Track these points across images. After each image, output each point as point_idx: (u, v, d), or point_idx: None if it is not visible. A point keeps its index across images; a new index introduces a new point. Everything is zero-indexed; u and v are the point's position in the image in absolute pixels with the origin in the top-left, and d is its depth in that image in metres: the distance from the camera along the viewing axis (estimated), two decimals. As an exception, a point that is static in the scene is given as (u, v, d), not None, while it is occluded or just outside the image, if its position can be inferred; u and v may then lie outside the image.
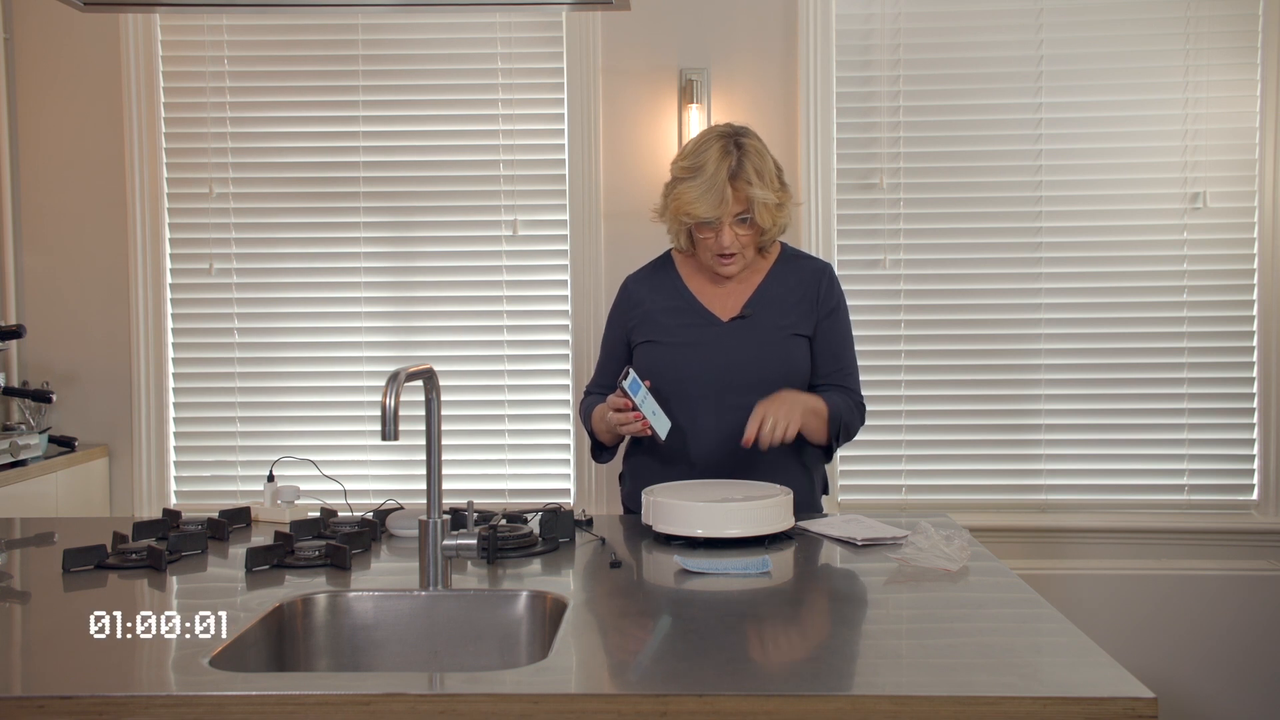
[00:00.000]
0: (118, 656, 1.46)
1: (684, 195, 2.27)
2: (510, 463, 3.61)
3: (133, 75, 3.56)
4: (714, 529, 1.99)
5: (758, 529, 2.00)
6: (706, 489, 2.13)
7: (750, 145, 2.29)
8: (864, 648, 1.48)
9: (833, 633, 1.57)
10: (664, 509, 2.04)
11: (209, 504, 3.51)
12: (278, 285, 3.62)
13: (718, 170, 2.24)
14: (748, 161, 2.26)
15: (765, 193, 2.26)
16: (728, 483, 2.19)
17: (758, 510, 2.01)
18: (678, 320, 2.36)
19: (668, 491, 2.12)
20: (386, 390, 1.68)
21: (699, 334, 2.34)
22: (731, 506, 2.00)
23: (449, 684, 1.36)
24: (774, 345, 2.32)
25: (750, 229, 2.29)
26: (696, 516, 2.00)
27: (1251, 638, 3.30)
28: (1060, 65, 3.49)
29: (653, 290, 2.43)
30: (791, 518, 2.07)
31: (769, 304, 2.36)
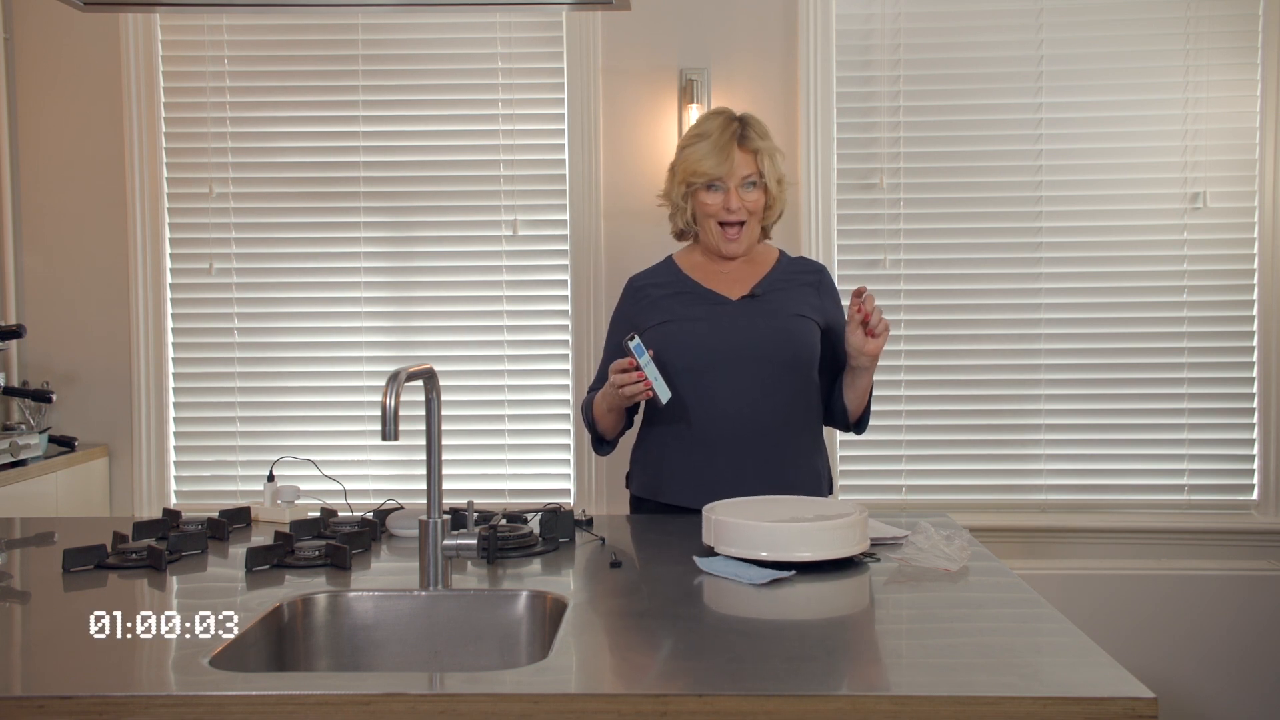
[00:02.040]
0: (118, 656, 1.46)
1: (691, 157, 2.31)
2: (510, 463, 3.61)
3: (133, 75, 3.56)
4: (783, 551, 1.82)
5: (831, 551, 1.83)
6: (772, 507, 1.98)
7: (752, 118, 2.36)
8: (864, 648, 1.48)
9: (833, 633, 1.57)
10: (727, 529, 1.87)
11: (209, 504, 3.52)
12: (278, 285, 3.62)
13: (723, 132, 2.29)
14: (752, 129, 2.32)
15: (768, 143, 2.32)
16: (795, 500, 2.06)
17: (832, 531, 1.83)
18: (686, 301, 2.37)
19: (730, 509, 1.95)
20: (386, 390, 1.68)
21: (709, 311, 2.34)
22: (804, 528, 1.83)
23: (449, 684, 1.36)
24: (785, 320, 2.32)
25: (757, 193, 2.32)
26: (764, 538, 1.83)
27: (1251, 638, 3.30)
28: (1060, 65, 3.49)
29: (656, 284, 2.43)
30: (868, 538, 1.89)
31: (776, 286, 2.37)
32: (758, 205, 2.33)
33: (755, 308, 2.33)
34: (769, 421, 2.29)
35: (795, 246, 3.53)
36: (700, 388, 2.29)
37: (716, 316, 2.33)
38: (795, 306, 2.35)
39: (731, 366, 2.28)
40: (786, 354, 2.29)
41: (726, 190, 2.30)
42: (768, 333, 2.30)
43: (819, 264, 2.51)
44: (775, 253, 2.47)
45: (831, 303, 2.42)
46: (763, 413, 2.28)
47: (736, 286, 2.38)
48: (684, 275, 2.42)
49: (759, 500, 2.05)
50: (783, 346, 2.29)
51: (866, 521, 1.89)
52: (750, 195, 2.32)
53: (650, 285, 2.44)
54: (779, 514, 1.90)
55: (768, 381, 2.28)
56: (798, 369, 2.32)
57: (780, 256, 2.47)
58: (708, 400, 2.29)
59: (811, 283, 2.42)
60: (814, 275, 2.44)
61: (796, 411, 2.33)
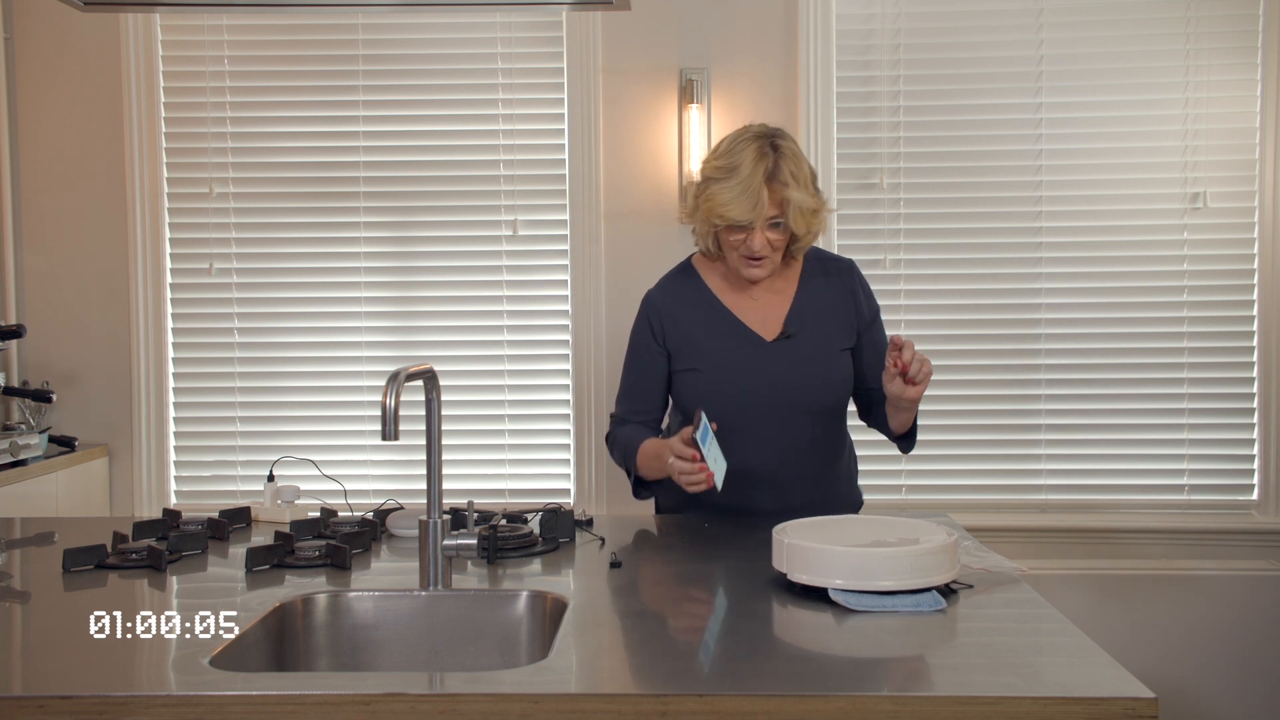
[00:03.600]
0: (118, 656, 1.46)
1: (717, 196, 2.15)
2: (510, 463, 3.61)
3: (133, 75, 3.56)
4: (863, 579, 1.65)
5: (920, 579, 1.66)
6: (850, 528, 1.84)
7: (787, 148, 2.18)
8: (864, 648, 1.48)
9: (833, 633, 1.57)
10: (800, 553, 1.70)
11: (209, 504, 3.51)
12: (278, 285, 3.62)
13: (754, 171, 2.13)
14: (784, 164, 2.15)
15: (802, 195, 2.15)
16: (875, 519, 1.92)
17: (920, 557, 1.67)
18: (719, 342, 2.26)
19: (804, 532, 1.79)
20: (387, 390, 1.68)
21: (744, 357, 2.24)
22: (890, 554, 1.67)
23: (449, 684, 1.36)
24: (821, 365, 2.25)
25: (782, 234, 2.19)
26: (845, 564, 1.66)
27: (1251, 638, 3.30)
28: (1060, 65, 3.49)
29: (682, 304, 2.31)
30: (958, 563, 1.74)
31: (810, 320, 2.27)
32: (782, 243, 2.21)
33: (791, 351, 2.24)
34: (806, 464, 2.27)
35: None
36: (732, 435, 2.20)
37: (749, 366, 2.23)
38: (831, 340, 2.27)
39: (767, 418, 2.22)
40: (827, 400, 2.26)
41: (751, 232, 2.17)
42: (806, 382, 2.23)
43: (846, 261, 2.40)
44: (800, 258, 2.35)
45: (868, 319, 2.34)
46: (800, 455, 2.25)
47: (767, 316, 2.28)
48: (712, 297, 2.30)
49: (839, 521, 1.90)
50: (821, 395, 2.24)
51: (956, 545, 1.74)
52: (776, 234, 2.18)
53: (677, 307, 2.31)
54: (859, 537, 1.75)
55: (804, 427, 2.24)
56: (835, 409, 2.29)
57: (808, 261, 2.35)
58: (740, 448, 2.18)
59: (842, 292, 2.32)
60: (844, 280, 2.34)
61: (832, 446, 2.32)
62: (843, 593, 1.64)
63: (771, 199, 2.14)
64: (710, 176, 2.19)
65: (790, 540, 1.71)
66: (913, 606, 1.61)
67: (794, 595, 1.71)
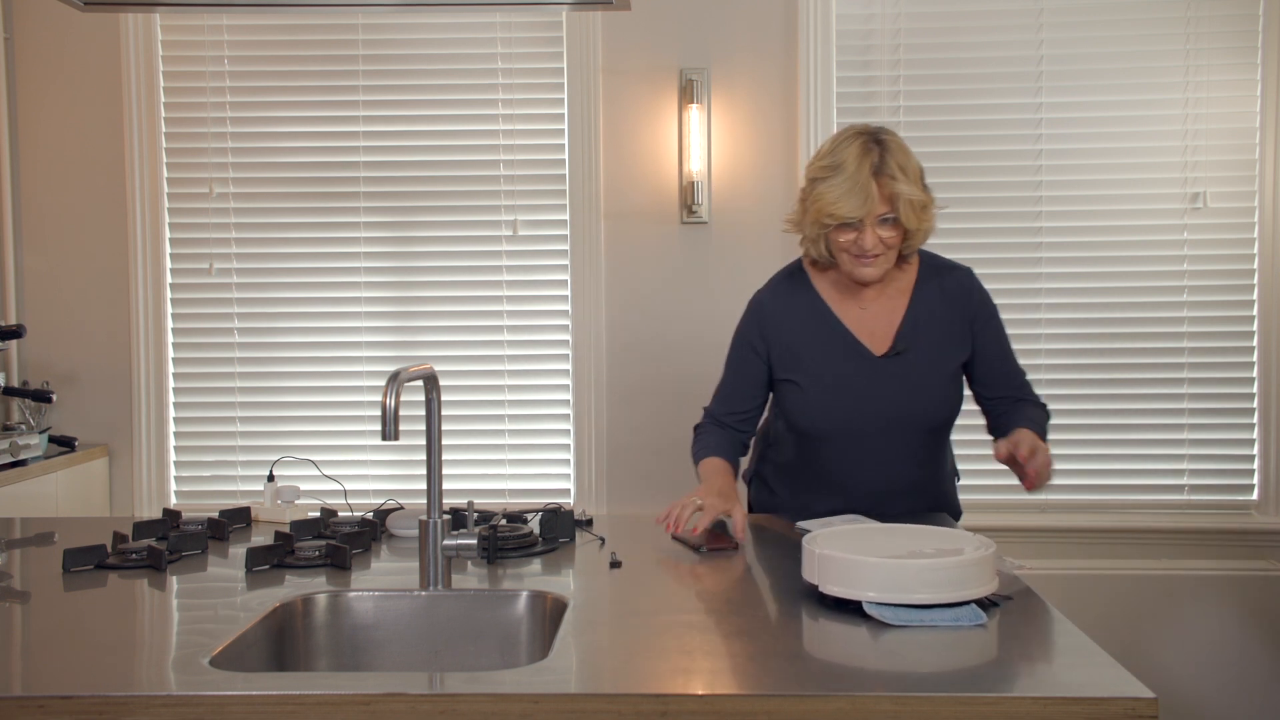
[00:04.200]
0: (118, 656, 1.46)
1: (825, 195, 2.08)
2: (510, 463, 3.61)
3: (133, 75, 3.56)
4: (896, 592, 1.57)
5: (956, 592, 1.57)
6: (884, 538, 1.75)
7: (892, 142, 2.10)
8: (864, 648, 1.48)
9: (833, 632, 1.57)
10: (832, 564, 1.62)
11: (209, 504, 3.52)
12: (278, 285, 3.62)
13: (859, 166, 2.05)
14: (891, 158, 2.07)
15: (911, 189, 2.07)
16: (910, 529, 1.83)
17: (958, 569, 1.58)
18: (824, 357, 2.19)
19: (836, 541, 1.70)
20: (387, 390, 1.68)
21: (851, 373, 2.17)
22: (924, 565, 1.58)
23: (449, 684, 1.36)
24: (932, 386, 2.17)
25: (895, 230, 2.10)
26: (878, 576, 1.58)
27: (1251, 638, 3.30)
28: (1060, 65, 3.49)
29: (792, 312, 2.24)
30: (995, 578, 1.65)
31: (922, 333, 2.18)
32: (895, 240, 2.11)
33: (899, 370, 2.16)
34: (906, 479, 2.23)
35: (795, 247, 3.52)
36: (832, 451, 2.20)
37: (857, 383, 2.17)
38: (943, 357, 2.19)
39: (870, 437, 2.17)
40: (935, 420, 2.20)
41: (862, 230, 2.09)
42: (913, 402, 2.16)
43: (963, 269, 2.27)
44: (915, 262, 2.25)
45: (982, 323, 2.22)
46: (902, 471, 2.22)
47: (877, 327, 2.20)
48: (821, 305, 2.22)
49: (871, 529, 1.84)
50: (929, 415, 2.19)
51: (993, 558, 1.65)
52: (888, 230, 2.10)
53: (784, 315, 2.24)
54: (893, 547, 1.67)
55: (909, 444, 2.20)
56: (942, 427, 2.24)
57: (921, 264, 2.25)
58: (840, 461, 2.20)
59: (957, 301, 2.21)
60: (963, 292, 2.22)
61: (936, 461, 2.28)
62: (878, 606, 1.56)
63: (881, 194, 2.06)
64: (815, 177, 2.12)
65: (822, 550, 1.63)
66: (952, 621, 1.53)
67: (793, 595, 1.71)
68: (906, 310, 2.20)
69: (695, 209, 3.51)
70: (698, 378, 3.58)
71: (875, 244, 2.09)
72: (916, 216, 2.10)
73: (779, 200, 3.52)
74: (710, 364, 3.57)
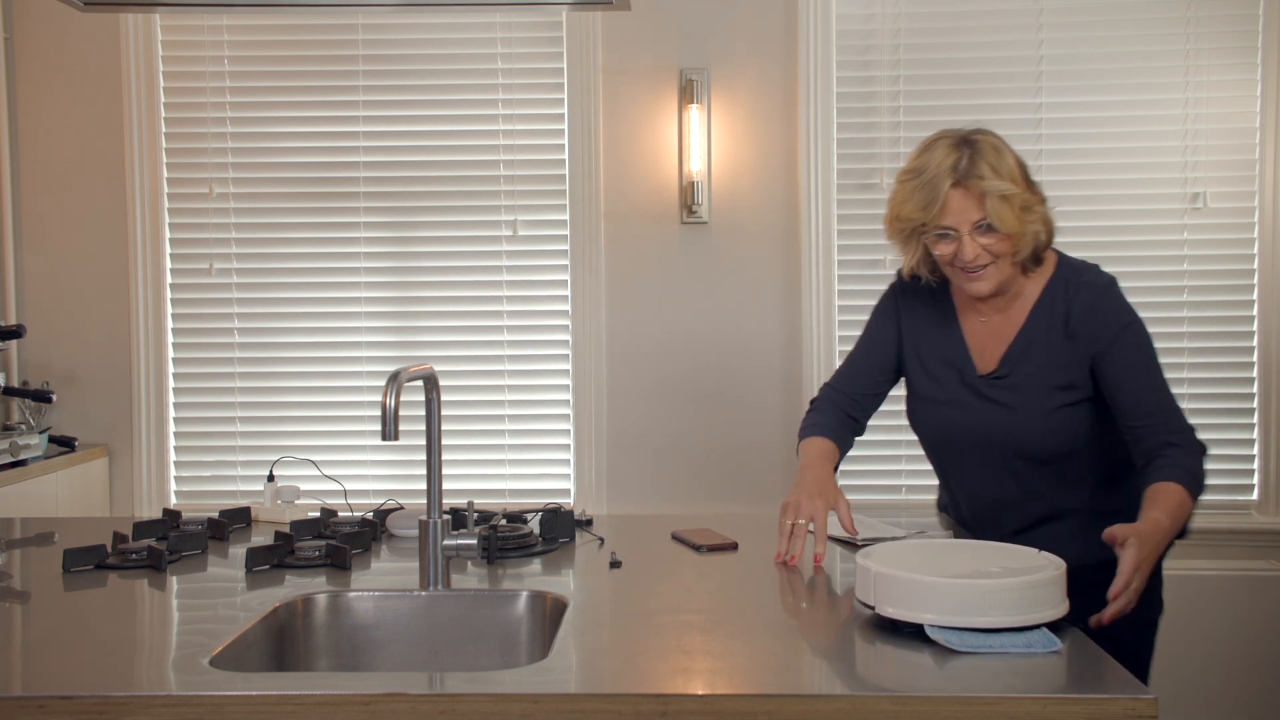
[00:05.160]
0: (118, 656, 1.46)
1: (897, 195, 1.94)
2: (510, 463, 3.61)
3: (133, 75, 3.56)
4: (957, 614, 1.45)
5: (1023, 615, 1.45)
6: (949, 555, 1.63)
7: (985, 142, 1.91)
8: (864, 648, 1.48)
9: (833, 633, 1.57)
10: (889, 584, 1.50)
11: (209, 504, 3.51)
12: (278, 285, 3.62)
13: (939, 167, 1.88)
14: (981, 159, 1.87)
15: (1003, 185, 1.86)
16: (979, 545, 1.72)
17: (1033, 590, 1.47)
18: (940, 368, 2.04)
19: (894, 557, 1.58)
20: (387, 390, 1.68)
21: (955, 393, 2.02)
22: (988, 586, 1.46)
23: (449, 684, 1.36)
24: (1032, 416, 1.94)
25: (999, 238, 1.88)
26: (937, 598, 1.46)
27: (1251, 638, 3.30)
28: (1060, 65, 3.49)
29: (928, 312, 2.08)
30: (1066, 600, 1.52)
31: (1032, 356, 1.96)
32: (1002, 248, 1.88)
33: (1001, 392, 1.97)
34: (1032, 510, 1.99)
35: (795, 247, 3.53)
36: (940, 459, 2.11)
37: (958, 403, 2.01)
38: (1045, 392, 1.93)
39: (981, 455, 2.00)
40: (1041, 451, 1.95)
41: (958, 238, 1.89)
42: (1014, 427, 1.95)
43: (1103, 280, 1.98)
44: (1048, 273, 1.99)
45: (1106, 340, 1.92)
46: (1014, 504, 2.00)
47: (988, 343, 2.01)
48: (950, 306, 2.06)
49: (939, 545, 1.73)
50: (1032, 446, 1.95)
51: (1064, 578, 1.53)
52: (991, 238, 1.88)
53: (922, 311, 2.09)
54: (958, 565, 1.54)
55: (1013, 475, 1.98)
56: (1059, 462, 1.96)
57: (1057, 269, 2.00)
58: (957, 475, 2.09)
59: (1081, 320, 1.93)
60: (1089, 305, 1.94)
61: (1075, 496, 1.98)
62: (943, 630, 1.44)
63: (971, 197, 1.87)
64: (898, 179, 1.96)
65: (879, 568, 1.52)
66: (1025, 647, 1.42)
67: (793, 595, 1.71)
68: (1022, 327, 1.98)
69: (695, 209, 3.51)
70: (698, 377, 3.58)
71: (977, 254, 1.89)
72: (1015, 217, 1.87)
73: (779, 200, 3.52)
74: (710, 363, 3.58)
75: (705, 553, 2.01)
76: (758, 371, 3.55)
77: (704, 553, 2.01)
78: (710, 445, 3.56)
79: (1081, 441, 1.94)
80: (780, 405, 3.54)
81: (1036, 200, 1.93)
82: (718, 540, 2.05)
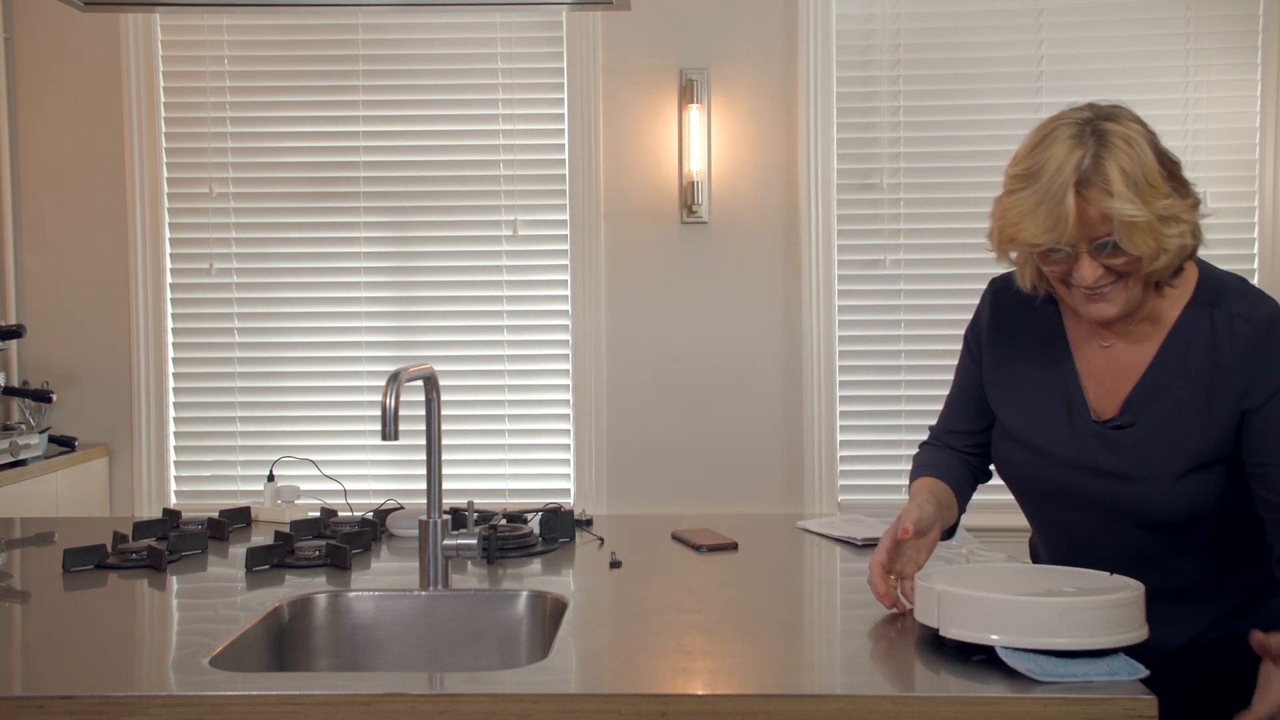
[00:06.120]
0: (118, 656, 1.46)
1: (1010, 211, 1.54)
2: (510, 463, 3.61)
3: (133, 75, 3.56)
4: (1029, 635, 1.33)
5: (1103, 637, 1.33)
6: (1015, 577, 1.48)
7: (1116, 134, 1.48)
8: (864, 648, 1.48)
9: (833, 633, 1.57)
10: (954, 603, 1.38)
11: (209, 504, 3.51)
12: (278, 285, 3.62)
13: (1059, 172, 1.47)
14: (1109, 160, 1.45)
15: (1131, 206, 1.43)
16: (1043, 568, 1.59)
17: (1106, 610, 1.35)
18: (1041, 404, 1.65)
19: (959, 577, 1.45)
20: (387, 390, 1.68)
21: (1059, 441, 1.62)
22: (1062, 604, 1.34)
23: (449, 684, 1.36)
24: (1157, 476, 1.55)
25: (1126, 257, 1.48)
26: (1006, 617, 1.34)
27: (1251, 638, 3.29)
28: (1060, 65, 3.49)
29: (1021, 326, 1.73)
30: (1141, 627, 1.38)
31: (1167, 398, 1.56)
32: (1129, 265, 1.49)
33: (1122, 446, 1.57)
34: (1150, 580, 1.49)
35: (795, 247, 3.53)
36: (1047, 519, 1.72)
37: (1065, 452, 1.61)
38: (1179, 448, 1.54)
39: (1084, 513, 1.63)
40: (1155, 519, 1.57)
41: (1076, 258, 1.50)
42: (1120, 494, 1.57)
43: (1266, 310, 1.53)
44: (1188, 289, 1.58)
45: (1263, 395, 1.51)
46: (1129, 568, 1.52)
47: (1108, 378, 1.61)
48: (1059, 328, 1.68)
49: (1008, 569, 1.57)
50: (1140, 512, 1.57)
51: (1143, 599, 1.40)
52: (1116, 258, 1.48)
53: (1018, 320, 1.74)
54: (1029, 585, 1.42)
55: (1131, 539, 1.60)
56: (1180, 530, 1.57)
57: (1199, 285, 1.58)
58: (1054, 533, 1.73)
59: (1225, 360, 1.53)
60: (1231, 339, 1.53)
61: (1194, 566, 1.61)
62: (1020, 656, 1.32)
63: (1091, 209, 1.46)
64: (1008, 188, 1.58)
65: (943, 587, 1.39)
66: (1109, 675, 1.30)
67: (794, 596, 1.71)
68: (1153, 361, 1.57)
69: (695, 209, 3.51)
70: (698, 377, 3.58)
71: (1099, 276, 1.50)
72: (1151, 238, 1.46)
73: (779, 200, 3.53)
74: (710, 363, 3.58)
75: (705, 553, 2.01)
76: (758, 371, 3.55)
77: (704, 553, 2.01)
78: (710, 445, 3.56)
79: (1212, 508, 1.56)
80: (780, 405, 3.54)
81: (1184, 206, 1.49)
82: (718, 540, 2.06)
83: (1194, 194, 1.52)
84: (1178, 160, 1.53)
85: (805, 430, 3.53)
